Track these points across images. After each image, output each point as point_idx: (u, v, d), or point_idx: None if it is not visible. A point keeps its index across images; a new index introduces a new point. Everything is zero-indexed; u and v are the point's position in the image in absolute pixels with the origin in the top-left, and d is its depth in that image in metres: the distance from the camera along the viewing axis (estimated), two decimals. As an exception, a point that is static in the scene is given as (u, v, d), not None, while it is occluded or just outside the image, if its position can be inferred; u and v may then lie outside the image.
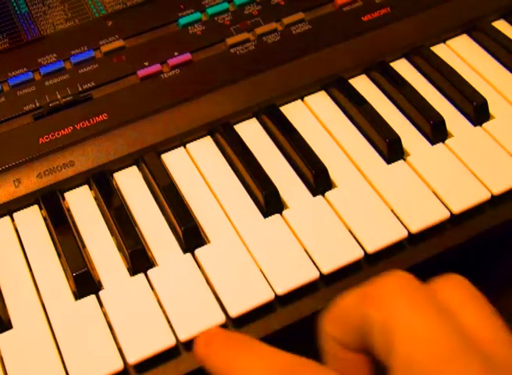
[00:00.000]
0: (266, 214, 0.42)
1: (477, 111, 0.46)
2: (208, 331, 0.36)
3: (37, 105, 0.47)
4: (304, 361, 0.31)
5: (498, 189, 0.42)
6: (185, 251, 0.40)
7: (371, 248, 0.39)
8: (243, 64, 0.49)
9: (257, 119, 0.48)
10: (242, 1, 0.52)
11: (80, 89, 0.48)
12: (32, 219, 0.43)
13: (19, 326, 0.37)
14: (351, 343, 0.31)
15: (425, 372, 0.27)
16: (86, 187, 0.44)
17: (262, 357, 0.32)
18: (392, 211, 0.41)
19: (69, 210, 0.43)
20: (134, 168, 0.45)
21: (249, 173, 0.43)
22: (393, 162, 0.44)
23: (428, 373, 0.27)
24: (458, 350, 0.27)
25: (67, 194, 0.44)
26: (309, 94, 0.49)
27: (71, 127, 0.45)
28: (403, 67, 0.51)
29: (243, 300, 0.37)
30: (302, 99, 0.49)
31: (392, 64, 0.51)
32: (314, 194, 0.43)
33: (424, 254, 0.41)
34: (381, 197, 0.42)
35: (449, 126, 0.46)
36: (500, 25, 0.53)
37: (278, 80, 0.48)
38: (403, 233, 0.40)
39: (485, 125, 0.46)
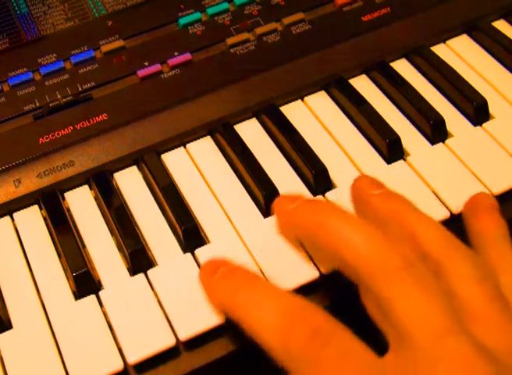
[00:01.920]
0: (266, 214, 0.42)
1: (477, 111, 0.46)
2: (214, 260, 0.36)
3: (37, 105, 0.47)
4: (314, 306, 0.31)
5: (498, 189, 0.42)
6: (185, 251, 0.40)
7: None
8: (243, 64, 0.49)
9: (257, 119, 0.48)
10: (242, 1, 0.53)
11: (80, 89, 0.48)
12: (32, 219, 0.43)
13: (19, 326, 0.37)
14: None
15: (419, 346, 0.28)
16: (86, 187, 0.44)
17: (270, 294, 0.32)
18: (392, 211, 0.41)
19: (69, 210, 0.43)
20: (134, 168, 0.45)
21: (249, 173, 0.43)
22: (393, 162, 0.44)
23: (421, 347, 0.28)
24: (453, 330, 0.28)
25: (67, 194, 0.44)
26: (309, 94, 0.49)
27: (71, 127, 0.45)
28: (403, 67, 0.51)
29: (243, 300, 0.37)
30: (302, 99, 0.49)
31: (392, 64, 0.51)
32: (314, 194, 0.43)
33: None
34: (381, 197, 0.42)
35: (449, 126, 0.46)
36: (500, 25, 0.53)
37: (278, 80, 0.48)
38: (403, 233, 0.40)
39: (485, 125, 0.46)
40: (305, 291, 0.38)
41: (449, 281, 0.32)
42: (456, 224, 0.41)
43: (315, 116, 0.48)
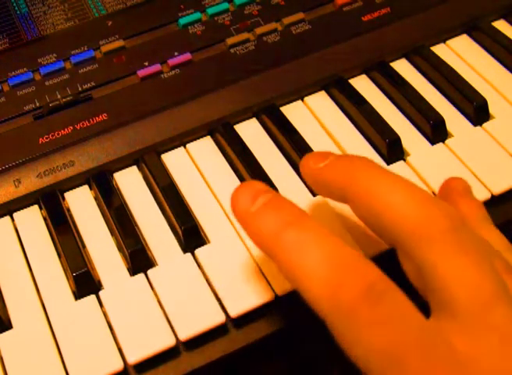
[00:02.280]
0: (266, 214, 0.41)
1: (477, 111, 0.46)
2: (251, 185, 0.32)
3: (37, 105, 0.47)
4: (368, 260, 0.29)
5: (498, 189, 0.42)
6: (185, 251, 0.40)
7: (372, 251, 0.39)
8: (243, 64, 0.49)
9: (257, 119, 0.48)
10: (242, 1, 0.52)
11: (80, 89, 0.48)
12: (32, 219, 0.43)
13: (19, 326, 0.37)
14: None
15: (467, 313, 0.27)
16: (86, 187, 0.44)
17: (323, 239, 0.29)
18: (392, 211, 0.41)
19: (69, 210, 0.43)
20: (134, 168, 0.45)
21: (249, 173, 0.43)
22: (393, 162, 0.44)
23: (470, 314, 0.27)
24: (501, 297, 0.27)
25: (67, 194, 0.44)
26: (309, 94, 0.49)
27: (71, 127, 0.45)
28: (403, 67, 0.51)
29: (244, 300, 0.37)
30: (302, 99, 0.49)
31: (392, 64, 0.51)
32: (315, 194, 0.43)
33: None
34: (381, 197, 0.42)
35: (449, 126, 0.46)
36: (500, 25, 0.53)
37: (278, 80, 0.48)
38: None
39: (485, 125, 0.46)
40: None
41: None
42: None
43: (315, 116, 0.48)
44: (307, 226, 0.29)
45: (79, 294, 0.38)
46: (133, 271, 0.39)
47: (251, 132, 0.47)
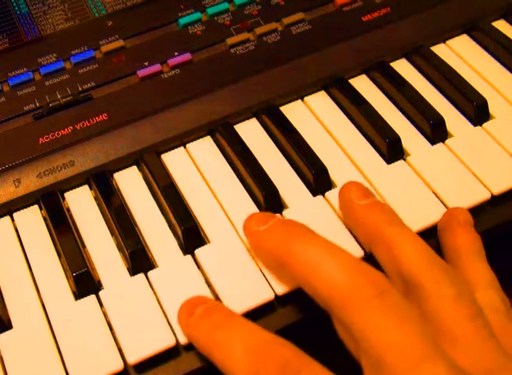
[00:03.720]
0: (266, 214, 0.42)
1: (477, 111, 0.46)
2: (191, 301, 0.36)
3: (37, 105, 0.47)
4: (282, 341, 0.31)
5: (498, 189, 0.42)
6: (185, 250, 0.40)
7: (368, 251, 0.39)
8: (243, 64, 0.49)
9: (257, 119, 0.48)
10: (242, 1, 0.53)
11: (80, 89, 0.48)
12: (32, 219, 0.43)
13: (19, 326, 0.37)
14: None
15: (393, 373, 0.28)
16: (86, 187, 0.44)
17: (241, 332, 0.33)
18: (392, 211, 0.41)
19: (69, 210, 0.43)
20: (134, 168, 0.45)
21: (249, 173, 0.43)
22: (393, 162, 0.44)
23: (396, 374, 0.28)
24: (428, 355, 0.28)
25: (67, 194, 0.44)
26: (309, 94, 0.49)
27: (71, 127, 0.45)
28: (403, 67, 0.51)
29: (244, 300, 0.37)
30: (302, 99, 0.49)
31: (392, 64, 0.51)
32: (314, 194, 0.43)
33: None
34: (380, 197, 0.42)
35: (449, 126, 0.46)
36: (500, 25, 0.53)
37: (278, 80, 0.48)
38: (403, 234, 0.40)
39: (485, 125, 0.46)
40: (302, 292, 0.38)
41: (427, 301, 0.32)
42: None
43: (315, 116, 0.48)
44: (229, 326, 0.33)
45: (79, 294, 0.38)
46: (133, 271, 0.39)
47: (251, 132, 0.47)
